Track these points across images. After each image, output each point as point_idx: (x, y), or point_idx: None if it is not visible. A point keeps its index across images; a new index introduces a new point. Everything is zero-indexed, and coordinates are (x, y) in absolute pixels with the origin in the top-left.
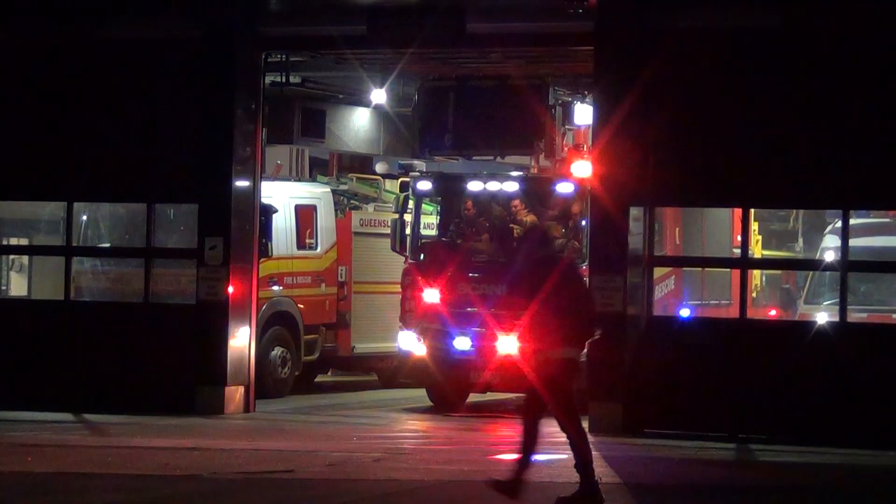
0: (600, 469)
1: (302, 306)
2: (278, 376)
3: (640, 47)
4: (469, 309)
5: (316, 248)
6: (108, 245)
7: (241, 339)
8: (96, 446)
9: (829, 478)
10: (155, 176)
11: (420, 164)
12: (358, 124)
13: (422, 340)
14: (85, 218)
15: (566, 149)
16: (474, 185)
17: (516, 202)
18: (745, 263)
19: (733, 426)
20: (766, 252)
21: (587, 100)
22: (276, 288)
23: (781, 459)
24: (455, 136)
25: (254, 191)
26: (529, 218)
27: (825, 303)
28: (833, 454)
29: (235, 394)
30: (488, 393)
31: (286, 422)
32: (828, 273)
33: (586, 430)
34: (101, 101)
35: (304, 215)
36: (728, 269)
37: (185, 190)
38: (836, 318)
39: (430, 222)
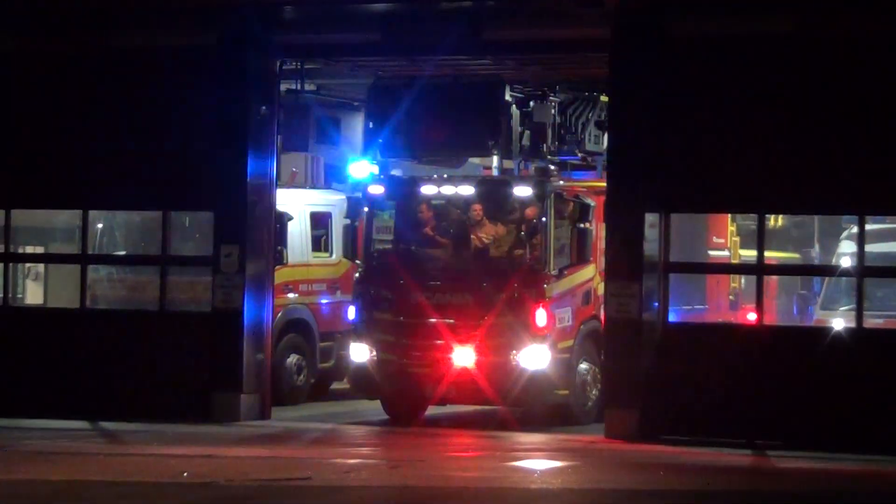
0: (617, 475)
1: (317, 313)
2: (294, 384)
3: (655, 53)
4: (424, 319)
5: (331, 256)
6: (123, 253)
7: (257, 347)
8: (112, 454)
9: (845, 484)
10: (170, 184)
11: (371, 167)
12: None
13: (374, 352)
14: (100, 226)
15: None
16: (428, 189)
17: (477, 207)
18: (761, 269)
19: (750, 432)
20: (743, 252)
21: (551, 97)
22: (291, 295)
23: (798, 466)
24: (407, 137)
25: (269, 198)
26: (496, 228)
27: (841, 308)
28: (850, 460)
29: (251, 401)
30: (448, 405)
31: (302, 429)
32: (844, 279)
33: (602, 436)
34: (116, 109)
35: (320, 222)
36: (704, 275)
37: (201, 198)
38: (853, 324)
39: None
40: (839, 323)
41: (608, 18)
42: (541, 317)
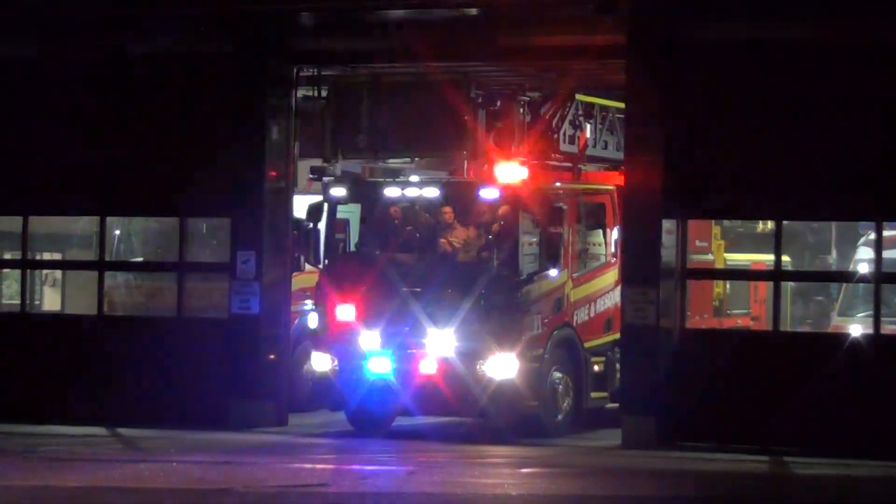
0: (636, 482)
1: None
2: (310, 391)
3: (671, 59)
4: (387, 327)
5: None
6: (140, 259)
7: (274, 354)
8: (130, 460)
9: (863, 490)
10: (187, 190)
11: (335, 168)
12: None
13: (336, 362)
14: (118, 232)
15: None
16: (392, 191)
17: (447, 210)
18: (778, 276)
19: (767, 438)
20: (729, 256)
21: (520, 96)
22: (308, 302)
23: (815, 472)
24: (369, 136)
25: (286, 205)
26: (467, 231)
27: (858, 315)
28: (867, 466)
29: (268, 408)
30: (414, 417)
31: (319, 435)
32: (861, 285)
33: (620, 443)
34: (133, 116)
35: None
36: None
37: (218, 204)
38: (870, 330)
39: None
40: (857, 329)
41: (624, 25)
42: (509, 324)
